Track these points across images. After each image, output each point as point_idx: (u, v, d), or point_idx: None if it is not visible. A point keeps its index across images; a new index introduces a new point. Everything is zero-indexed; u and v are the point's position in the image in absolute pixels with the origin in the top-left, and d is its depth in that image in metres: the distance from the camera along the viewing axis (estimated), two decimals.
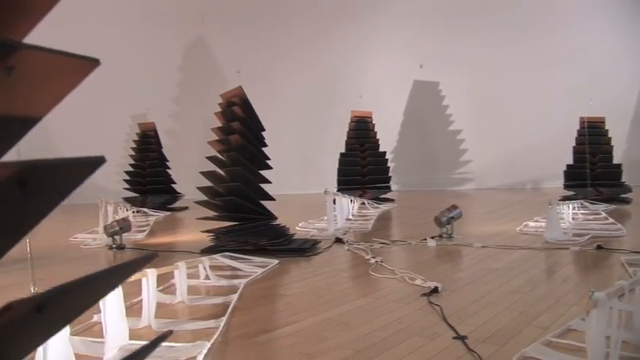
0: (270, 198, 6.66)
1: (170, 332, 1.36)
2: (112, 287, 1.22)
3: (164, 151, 12.69)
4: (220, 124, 6.72)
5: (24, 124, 0.91)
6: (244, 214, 6.44)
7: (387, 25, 15.21)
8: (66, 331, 2.75)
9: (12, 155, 0.95)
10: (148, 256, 1.14)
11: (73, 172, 0.99)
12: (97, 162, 0.98)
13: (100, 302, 3.11)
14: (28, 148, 2.19)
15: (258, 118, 6.76)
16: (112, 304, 3.13)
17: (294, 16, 15.29)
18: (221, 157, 6.59)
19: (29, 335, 0.91)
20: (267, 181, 6.73)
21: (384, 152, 12.69)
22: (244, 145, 6.45)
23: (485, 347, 3.02)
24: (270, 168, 6.77)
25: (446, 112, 15.33)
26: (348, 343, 3.21)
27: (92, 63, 0.94)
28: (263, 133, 6.84)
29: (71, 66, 0.92)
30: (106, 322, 3.09)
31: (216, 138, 6.62)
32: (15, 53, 0.79)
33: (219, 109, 6.82)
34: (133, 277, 3.57)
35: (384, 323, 3.55)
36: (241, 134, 6.45)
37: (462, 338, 3.16)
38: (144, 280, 3.69)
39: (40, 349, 2.59)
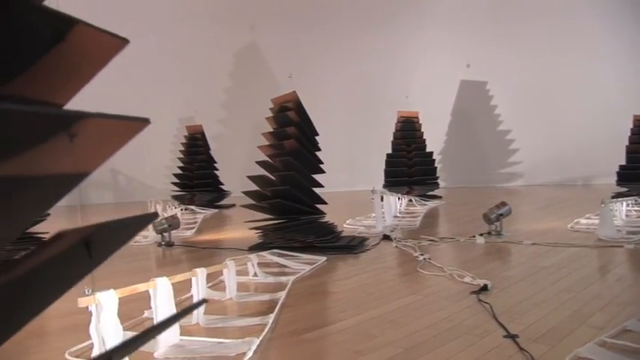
0: (323, 202, 6.67)
1: None
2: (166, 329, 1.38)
3: (212, 153, 12.85)
4: (272, 129, 6.74)
5: (80, 178, 0.99)
6: (292, 215, 6.46)
7: (433, 25, 15.11)
8: (119, 327, 2.81)
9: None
10: (199, 303, 1.30)
11: (131, 228, 1.10)
12: (151, 217, 1.11)
13: (152, 303, 3.17)
14: None
15: (312, 123, 6.77)
16: (164, 304, 3.17)
17: (341, 16, 15.29)
18: (271, 161, 6.60)
19: None
20: (320, 185, 6.73)
21: (431, 152, 12.58)
22: (299, 149, 6.46)
23: (537, 347, 2.96)
24: (323, 172, 6.78)
25: (494, 112, 15.15)
26: (398, 340, 3.19)
27: (143, 123, 0.99)
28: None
29: (125, 127, 0.99)
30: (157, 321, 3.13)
31: (267, 143, 6.65)
32: (77, 121, 0.85)
33: (269, 114, 6.84)
34: (183, 277, 3.62)
35: (433, 321, 3.52)
36: (296, 139, 6.46)
37: (512, 337, 3.11)
38: (194, 279, 3.73)
39: (96, 345, 2.65)
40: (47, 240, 0.83)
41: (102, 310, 2.73)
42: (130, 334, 3.27)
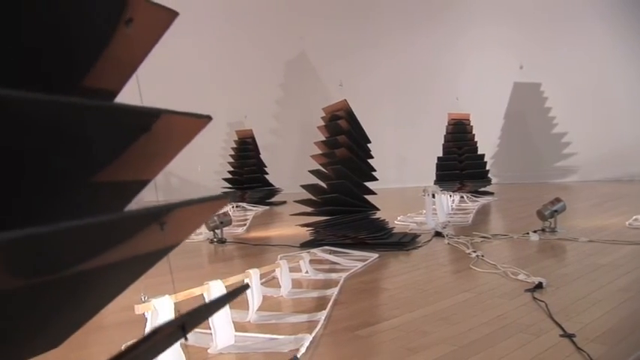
0: (375, 208, 6.67)
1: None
2: None
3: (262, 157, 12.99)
4: (324, 138, 6.78)
5: (167, 250, 1.07)
6: (344, 211, 6.48)
7: (485, 28, 14.97)
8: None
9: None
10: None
11: (219, 304, 1.28)
12: (235, 293, 1.23)
13: None
14: None
15: (364, 131, 6.79)
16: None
17: (390, 22, 15.28)
18: (324, 170, 6.64)
19: None
20: (372, 192, 6.74)
21: (483, 155, 12.38)
22: (350, 158, 6.49)
23: (595, 347, 2.90)
24: (376, 179, 6.78)
25: (549, 114, 14.88)
26: (451, 338, 3.16)
27: (222, 201, 1.09)
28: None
29: (209, 207, 1.07)
30: (213, 324, 3.16)
31: (319, 152, 6.70)
32: (168, 213, 0.91)
33: (321, 123, 6.89)
34: (237, 279, 3.66)
35: (487, 319, 3.48)
36: (347, 147, 6.49)
37: (569, 336, 3.05)
38: (247, 280, 3.75)
39: None
40: (147, 335, 0.91)
41: (157, 316, 2.77)
42: None
